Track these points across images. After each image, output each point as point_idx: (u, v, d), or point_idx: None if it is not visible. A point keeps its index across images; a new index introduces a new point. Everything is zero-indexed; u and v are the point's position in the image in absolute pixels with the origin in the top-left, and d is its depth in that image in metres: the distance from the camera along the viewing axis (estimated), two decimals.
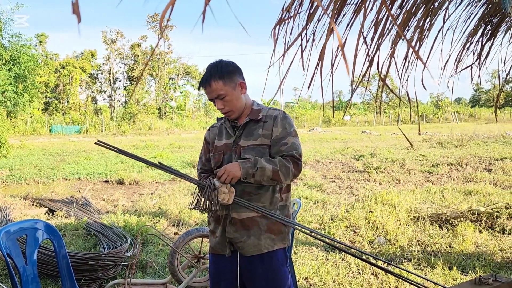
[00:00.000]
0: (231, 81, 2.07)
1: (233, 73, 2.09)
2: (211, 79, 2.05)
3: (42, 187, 9.19)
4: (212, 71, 2.06)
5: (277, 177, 1.99)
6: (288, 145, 2.06)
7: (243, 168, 1.97)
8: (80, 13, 0.69)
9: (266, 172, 1.97)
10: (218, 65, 2.08)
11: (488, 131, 21.70)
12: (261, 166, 1.96)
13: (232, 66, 2.11)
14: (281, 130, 2.09)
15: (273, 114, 2.14)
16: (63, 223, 5.70)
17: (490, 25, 1.99)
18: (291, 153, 2.05)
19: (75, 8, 0.67)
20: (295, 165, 2.04)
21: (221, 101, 2.09)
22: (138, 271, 4.06)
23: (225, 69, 2.07)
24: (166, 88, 50.84)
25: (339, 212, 5.97)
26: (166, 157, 14.12)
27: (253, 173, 1.96)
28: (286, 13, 1.35)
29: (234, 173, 1.96)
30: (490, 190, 7.34)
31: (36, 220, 2.59)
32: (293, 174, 2.03)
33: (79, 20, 0.69)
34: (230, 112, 2.13)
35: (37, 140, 25.29)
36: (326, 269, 3.97)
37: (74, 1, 0.67)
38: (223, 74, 2.05)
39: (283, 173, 1.99)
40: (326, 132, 30.21)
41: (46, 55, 45.01)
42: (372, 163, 11.24)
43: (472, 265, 4.04)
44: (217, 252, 2.18)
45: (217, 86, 2.04)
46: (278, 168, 1.98)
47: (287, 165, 2.01)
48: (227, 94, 2.07)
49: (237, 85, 2.10)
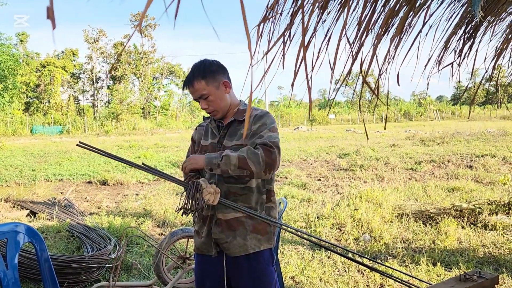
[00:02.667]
0: (214, 81, 2.05)
1: (216, 72, 2.06)
2: (193, 79, 2.03)
3: (23, 189, 9.00)
4: (195, 71, 2.04)
5: (245, 165, 1.87)
6: (264, 137, 1.96)
7: (207, 158, 1.93)
8: (55, 19, 0.66)
9: (231, 159, 1.87)
10: (201, 64, 2.06)
11: (470, 129, 22.09)
12: (225, 155, 1.89)
13: (216, 65, 2.09)
14: (259, 125, 2.03)
15: (255, 113, 2.11)
16: (45, 226, 5.60)
17: (471, 23, 2.02)
18: (264, 141, 1.93)
19: (49, 13, 0.64)
20: (266, 152, 1.89)
21: (205, 101, 2.07)
22: (123, 273, 4.01)
23: (208, 68, 2.04)
24: (150, 87, 50.39)
25: (325, 210, 6.00)
26: (151, 157, 13.99)
27: (218, 162, 1.89)
28: (270, 11, 1.34)
29: (197, 160, 1.96)
30: (472, 187, 7.47)
31: (16, 223, 2.53)
32: (264, 162, 1.88)
33: (54, 26, 0.65)
34: (214, 111, 2.11)
35: (18, 141, 24.79)
36: (312, 268, 3.98)
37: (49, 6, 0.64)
38: (206, 73, 2.03)
39: (252, 161, 1.86)
40: (311, 131, 30.36)
41: (27, 54, 44.19)
42: (357, 161, 11.34)
43: (456, 261, 4.10)
44: (202, 252, 2.16)
45: (199, 86, 2.02)
46: (245, 155, 1.87)
47: (255, 152, 1.88)
48: (210, 94, 2.04)
49: (221, 84, 2.07)
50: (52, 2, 0.62)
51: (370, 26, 1.52)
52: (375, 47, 1.46)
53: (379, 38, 1.48)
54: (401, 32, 1.66)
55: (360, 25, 1.51)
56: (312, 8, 1.26)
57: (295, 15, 1.37)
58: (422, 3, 1.61)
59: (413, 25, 1.73)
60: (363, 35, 1.53)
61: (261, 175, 1.91)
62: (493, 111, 49.89)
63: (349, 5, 1.46)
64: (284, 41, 1.32)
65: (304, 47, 1.02)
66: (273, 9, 1.39)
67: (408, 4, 1.50)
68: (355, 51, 1.57)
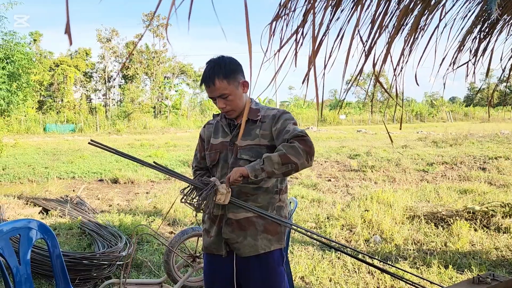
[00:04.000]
0: (235, 80, 2.01)
1: (236, 72, 2.03)
2: (215, 78, 1.97)
3: (36, 186, 9.13)
4: (216, 69, 1.98)
5: (288, 159, 1.85)
6: (290, 131, 1.95)
7: (248, 166, 1.88)
8: (71, 34, 0.67)
9: (273, 159, 1.85)
10: (221, 62, 2.01)
11: (483, 130, 21.81)
12: (266, 157, 1.86)
13: (235, 64, 2.05)
14: (282, 122, 2.01)
15: (272, 113, 2.09)
16: (58, 223, 5.66)
17: (487, 22, 1.98)
18: (294, 133, 1.92)
19: (67, 29, 0.65)
20: (301, 142, 1.88)
21: (223, 100, 2.02)
22: (133, 270, 4.04)
23: (229, 67, 2.00)
24: (161, 86, 50.68)
25: (335, 211, 5.97)
26: (162, 156, 14.07)
27: (261, 167, 1.86)
28: (283, 9, 1.33)
29: (242, 170, 1.86)
30: (485, 189, 7.37)
31: (29, 220, 2.56)
32: (303, 150, 1.87)
33: (71, 42, 0.67)
34: (231, 111, 2.07)
35: (31, 139, 25.13)
36: (322, 268, 3.96)
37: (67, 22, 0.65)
38: (227, 73, 1.98)
39: (291, 154, 1.85)
40: (321, 131, 30.25)
41: (40, 53, 44.70)
42: (368, 162, 11.25)
43: (468, 263, 4.05)
44: (211, 252, 2.15)
45: (221, 85, 1.97)
46: (284, 151, 1.85)
47: (292, 145, 1.87)
48: (230, 94, 2.00)
49: (240, 84, 2.04)
50: (68, 18, 0.63)
51: (383, 24, 1.50)
52: (389, 46, 1.44)
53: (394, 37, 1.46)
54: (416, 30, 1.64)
55: (373, 23, 1.50)
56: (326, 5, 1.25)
57: (308, 13, 1.36)
58: (438, 1, 1.58)
59: (427, 24, 1.71)
60: (376, 33, 1.51)
61: (305, 164, 1.89)
62: (507, 112, 49.15)
63: (363, 3, 1.45)
64: (296, 39, 1.31)
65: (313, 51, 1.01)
66: (285, 7, 1.38)
67: (423, 2, 1.48)
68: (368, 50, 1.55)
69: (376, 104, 56.75)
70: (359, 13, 1.37)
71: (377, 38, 1.51)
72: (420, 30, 1.71)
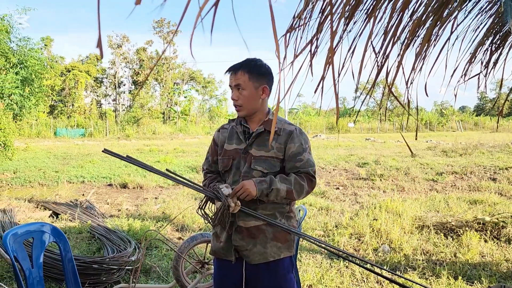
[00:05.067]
0: (256, 81, 2.07)
1: (262, 75, 2.09)
2: (240, 68, 2.06)
3: (46, 190, 9.22)
4: (244, 63, 2.07)
5: (291, 195, 2.03)
6: (303, 161, 2.07)
7: (259, 189, 1.98)
8: (103, 49, 0.71)
9: (280, 192, 2.00)
10: (253, 61, 2.09)
11: (493, 140, 21.61)
12: (276, 188, 1.99)
13: (266, 69, 2.11)
14: (298, 146, 2.09)
15: (289, 129, 2.13)
16: (67, 226, 5.71)
17: (499, 35, 1.99)
18: (307, 170, 2.07)
19: (98, 43, 0.69)
20: (309, 183, 2.07)
21: (237, 92, 2.08)
22: (142, 275, 4.06)
23: (257, 68, 2.07)
24: (171, 92, 51.04)
25: (343, 220, 5.96)
26: (170, 161, 14.14)
27: (267, 193, 1.99)
28: (297, 20, 1.35)
29: (250, 191, 1.97)
30: (496, 200, 7.29)
31: (42, 223, 2.60)
32: (306, 191, 2.06)
33: (102, 56, 0.71)
34: (240, 107, 2.11)
35: (42, 143, 25.40)
36: (330, 277, 3.95)
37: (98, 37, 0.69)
38: (253, 70, 2.06)
39: (296, 191, 2.03)
40: (330, 139, 30.18)
41: (51, 59, 45.33)
42: (376, 170, 11.21)
43: (478, 275, 4.01)
44: (220, 256, 2.17)
45: (242, 77, 2.05)
46: (292, 188, 2.01)
47: (301, 183, 2.04)
48: (245, 88, 2.06)
49: (260, 87, 2.10)
50: (100, 34, 0.67)
51: (396, 36, 1.52)
52: (401, 57, 1.46)
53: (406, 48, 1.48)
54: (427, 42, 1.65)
55: (386, 35, 1.52)
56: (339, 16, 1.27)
57: (322, 24, 1.39)
58: (449, 13, 1.60)
59: (439, 36, 1.73)
60: (389, 45, 1.53)
61: (299, 199, 2.11)
62: None
63: (375, 15, 1.47)
64: (311, 50, 1.33)
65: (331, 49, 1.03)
66: (300, 18, 1.41)
67: (435, 14, 1.50)
68: (381, 61, 1.57)
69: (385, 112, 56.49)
70: (372, 25, 1.39)
71: (390, 49, 1.53)
72: (432, 41, 1.73)
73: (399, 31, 1.47)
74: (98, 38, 0.66)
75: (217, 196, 1.99)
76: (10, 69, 15.03)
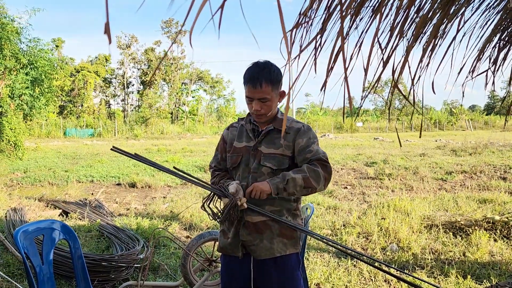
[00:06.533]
0: (277, 88, 2.09)
1: (280, 81, 2.11)
2: (263, 81, 2.02)
3: (56, 189, 9.31)
4: (265, 73, 2.04)
5: (309, 183, 1.98)
6: (313, 151, 2.07)
7: (273, 184, 1.97)
8: (111, 34, 0.71)
9: (297, 181, 1.97)
10: (270, 67, 2.07)
11: (503, 139, 21.37)
12: (290, 177, 1.97)
13: (280, 74, 2.12)
14: (306, 140, 2.10)
15: (296, 126, 2.15)
16: (77, 225, 5.77)
17: (507, 31, 1.98)
18: (317, 156, 2.06)
19: (106, 29, 0.69)
20: (323, 168, 2.03)
21: (261, 103, 2.07)
22: (150, 273, 4.09)
23: (276, 75, 2.07)
24: (179, 92, 51.22)
25: (351, 219, 5.94)
26: (178, 161, 14.19)
27: (284, 186, 1.97)
28: (303, 17, 1.36)
29: (262, 188, 1.97)
30: (505, 199, 7.22)
31: (53, 221, 2.64)
32: (323, 177, 2.02)
33: (110, 41, 0.71)
34: (263, 115, 2.12)
35: (51, 143, 25.66)
36: (337, 275, 3.95)
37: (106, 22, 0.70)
38: (274, 79, 2.05)
39: (313, 178, 1.99)
40: (338, 138, 30.08)
41: (62, 60, 45.69)
42: (385, 170, 11.15)
43: (487, 274, 3.98)
44: (227, 253, 2.20)
45: (266, 89, 2.04)
46: (308, 175, 1.98)
47: (315, 169, 2.00)
48: (270, 100, 2.07)
49: (279, 93, 2.13)
50: (108, 19, 0.67)
51: (403, 32, 1.52)
52: (407, 54, 1.46)
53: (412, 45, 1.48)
54: (434, 39, 1.65)
55: (392, 31, 1.52)
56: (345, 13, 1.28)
57: (327, 21, 1.39)
58: (456, 10, 1.59)
59: (446, 32, 1.72)
60: (395, 41, 1.53)
61: (321, 189, 2.05)
62: None
63: (382, 11, 1.47)
64: (316, 46, 1.34)
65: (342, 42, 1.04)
66: (305, 15, 1.41)
67: (442, 11, 1.49)
68: (387, 57, 1.57)
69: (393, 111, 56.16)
70: (378, 21, 1.39)
71: (396, 46, 1.53)
72: (438, 38, 1.72)
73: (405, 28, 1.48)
74: (106, 24, 0.67)
75: (224, 193, 2.01)
76: (21, 70, 15.19)
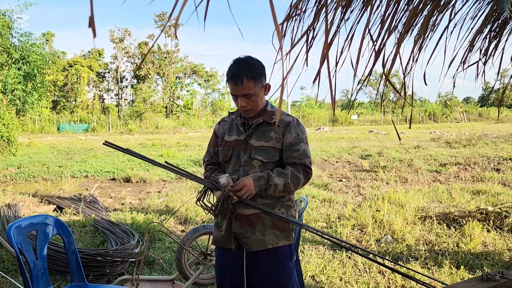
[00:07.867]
0: (259, 82, 2.09)
1: (263, 75, 2.11)
2: (244, 77, 2.02)
3: (50, 184, 9.28)
4: (245, 69, 2.04)
5: (288, 188, 2.07)
6: (300, 152, 2.11)
7: (257, 186, 2.03)
8: (95, 28, 0.70)
9: (278, 187, 2.05)
10: (250, 63, 2.07)
11: (497, 131, 21.52)
12: (273, 183, 2.03)
13: (262, 67, 2.12)
14: (294, 136, 2.12)
15: (287, 120, 2.16)
16: (71, 220, 5.76)
17: (497, 22, 1.98)
18: (303, 161, 2.11)
19: (91, 22, 0.68)
20: (305, 174, 2.12)
21: (246, 99, 2.08)
22: (146, 267, 4.10)
23: (257, 70, 2.07)
24: (173, 86, 50.99)
25: (346, 211, 5.97)
26: (173, 155, 14.18)
27: (266, 188, 2.05)
28: (294, 10, 1.36)
29: (251, 191, 2.02)
30: (499, 190, 7.28)
31: (46, 216, 2.63)
32: (302, 183, 2.11)
33: (95, 35, 0.70)
34: (250, 110, 2.13)
35: (45, 138, 25.51)
36: (332, 267, 3.97)
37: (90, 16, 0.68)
38: (255, 74, 2.05)
39: (293, 184, 2.07)
40: (333, 131, 30.15)
41: (53, 54, 45.31)
42: (380, 162, 11.20)
43: (480, 264, 4.02)
44: (221, 245, 2.22)
45: (248, 85, 2.04)
46: (289, 181, 2.06)
47: (298, 176, 2.08)
48: (254, 94, 2.08)
49: (263, 87, 2.13)
50: (92, 13, 0.66)
51: (393, 24, 1.52)
52: (398, 46, 1.46)
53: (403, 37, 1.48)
54: (425, 31, 1.65)
55: (383, 23, 1.51)
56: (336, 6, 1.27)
57: (318, 13, 1.39)
58: (447, 1, 1.59)
59: (437, 24, 1.72)
60: (386, 34, 1.53)
61: (296, 191, 2.17)
62: None
63: (372, 3, 1.47)
64: (307, 39, 1.33)
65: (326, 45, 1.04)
66: (296, 7, 1.41)
67: (432, 2, 1.49)
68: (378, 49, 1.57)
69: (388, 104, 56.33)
70: (369, 13, 1.39)
71: (387, 38, 1.53)
72: (429, 30, 1.72)
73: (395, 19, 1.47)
74: (90, 17, 0.66)
75: (216, 186, 2.02)
76: (13, 65, 15.06)
